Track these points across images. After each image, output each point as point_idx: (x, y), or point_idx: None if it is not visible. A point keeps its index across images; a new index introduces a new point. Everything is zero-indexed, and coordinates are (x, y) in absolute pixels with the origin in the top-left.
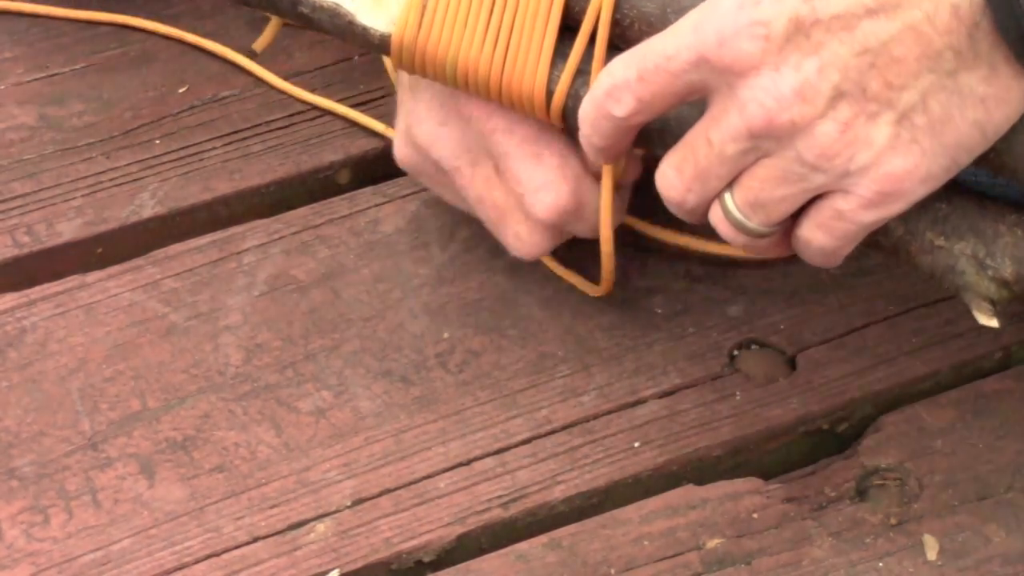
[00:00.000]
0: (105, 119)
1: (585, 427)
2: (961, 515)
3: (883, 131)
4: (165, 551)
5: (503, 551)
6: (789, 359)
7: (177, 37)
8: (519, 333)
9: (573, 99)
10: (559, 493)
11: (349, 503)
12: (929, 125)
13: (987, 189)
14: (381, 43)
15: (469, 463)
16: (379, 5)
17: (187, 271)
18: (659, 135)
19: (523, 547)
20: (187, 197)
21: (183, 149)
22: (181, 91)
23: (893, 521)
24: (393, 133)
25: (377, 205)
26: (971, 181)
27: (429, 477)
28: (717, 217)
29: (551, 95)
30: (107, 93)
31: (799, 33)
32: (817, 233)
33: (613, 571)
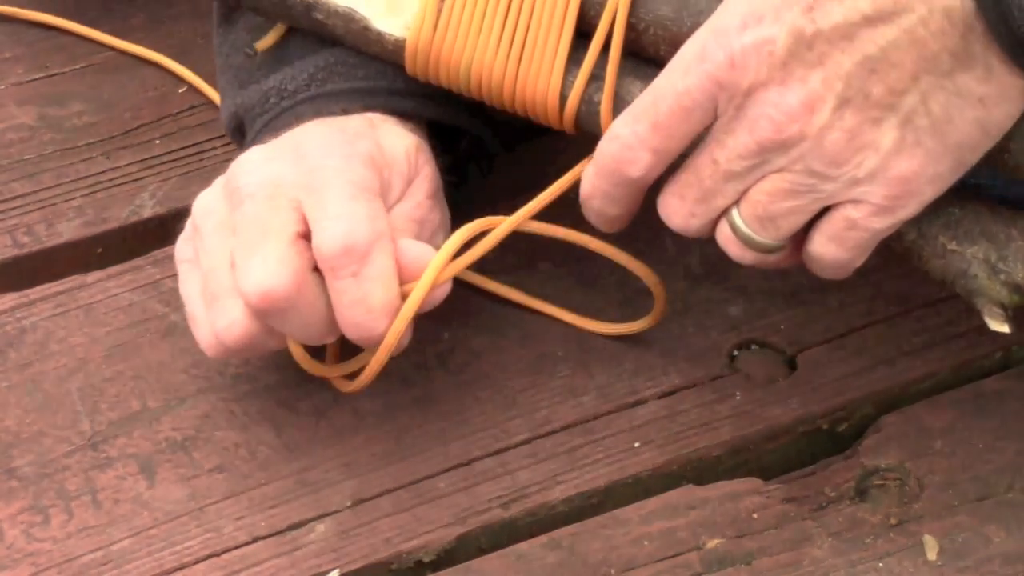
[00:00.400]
0: (105, 119)
1: (585, 427)
2: (961, 515)
3: (888, 135)
4: (165, 551)
5: (503, 551)
6: (789, 359)
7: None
8: (519, 333)
9: (587, 104)
10: (559, 493)
11: (349, 503)
12: (931, 126)
13: (1003, 192)
14: (395, 48)
15: (469, 463)
16: (393, 10)
17: None
18: None
19: (523, 547)
20: (187, 197)
21: (183, 149)
22: (181, 91)
23: (893, 521)
24: None
25: None
26: (987, 185)
27: (429, 477)
28: (725, 235)
29: (564, 100)
30: (107, 93)
31: (801, 46)
32: (830, 246)
33: (613, 571)
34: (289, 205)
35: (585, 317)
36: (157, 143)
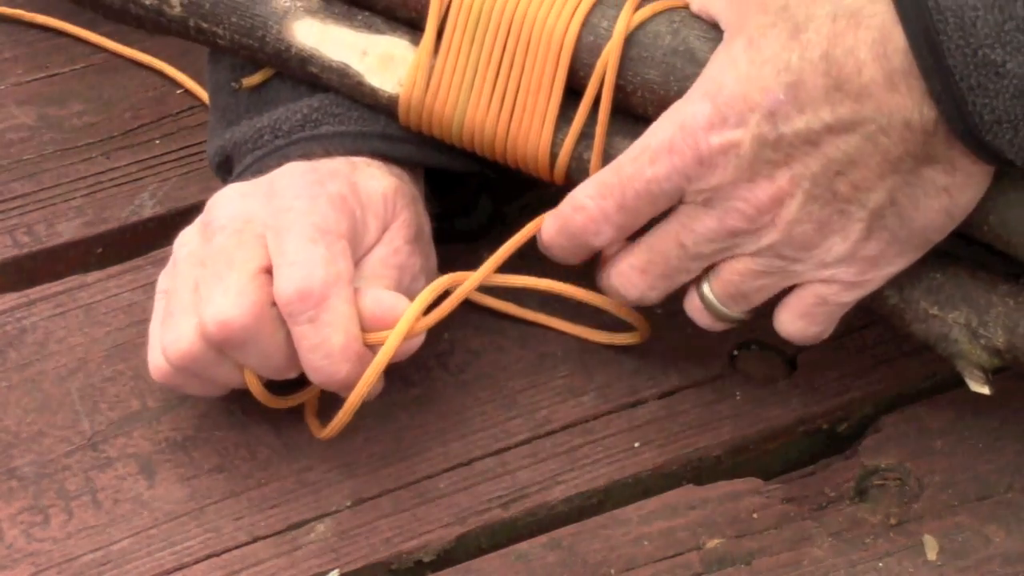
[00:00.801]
0: (105, 119)
1: (585, 427)
2: (961, 515)
3: (856, 225)
4: (165, 551)
5: (503, 551)
6: (789, 359)
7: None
8: (519, 333)
9: (577, 161)
10: (559, 493)
11: (349, 503)
12: (897, 213)
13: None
14: (389, 103)
15: (469, 463)
16: (386, 67)
17: None
18: None
19: (523, 547)
20: (187, 197)
21: (183, 149)
22: (180, 91)
23: (893, 521)
24: None
25: None
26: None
27: (429, 477)
28: (694, 306)
29: (555, 157)
30: (107, 93)
31: (766, 149)
32: (800, 323)
33: (613, 571)
34: (256, 241)
35: (580, 325)
36: (157, 143)
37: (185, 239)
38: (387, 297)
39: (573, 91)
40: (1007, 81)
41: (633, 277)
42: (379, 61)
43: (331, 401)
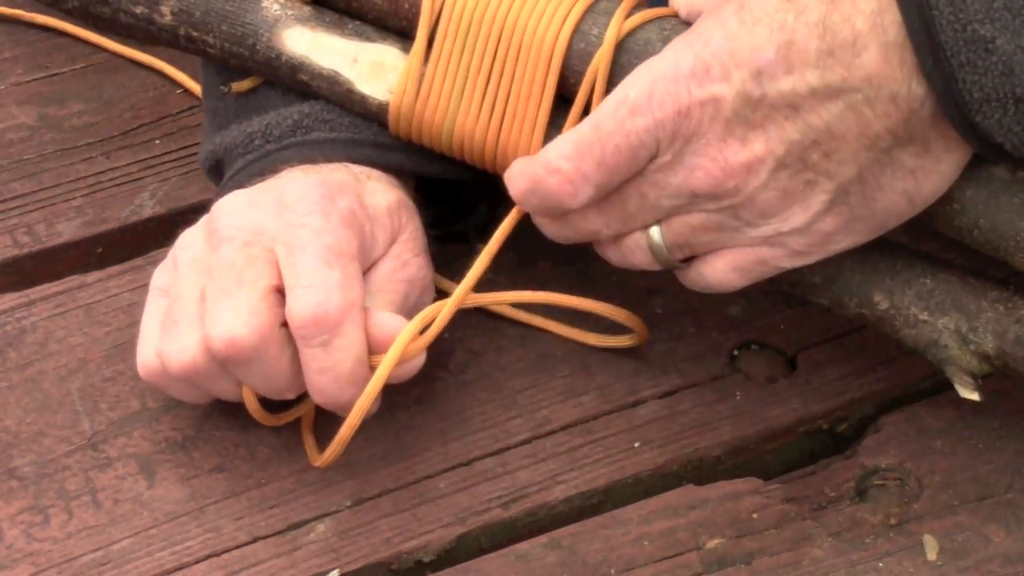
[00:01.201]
0: (105, 119)
1: (585, 427)
2: (961, 515)
3: (819, 197)
4: (165, 551)
5: (503, 551)
6: (789, 359)
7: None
8: (519, 333)
9: None
10: (559, 493)
11: (349, 503)
12: (862, 192)
13: None
14: (379, 111)
15: (469, 463)
16: (377, 74)
17: None
18: None
19: (523, 547)
20: (187, 197)
21: (183, 149)
22: (180, 91)
23: (893, 521)
24: None
25: None
26: None
27: (429, 477)
28: (635, 243)
29: None
30: (107, 93)
31: (747, 108)
32: (732, 275)
33: (613, 571)
34: (266, 256)
35: (578, 328)
36: (157, 143)
37: (188, 242)
38: (391, 321)
39: (563, 98)
40: (996, 58)
41: (589, 214)
42: (370, 69)
43: (326, 418)
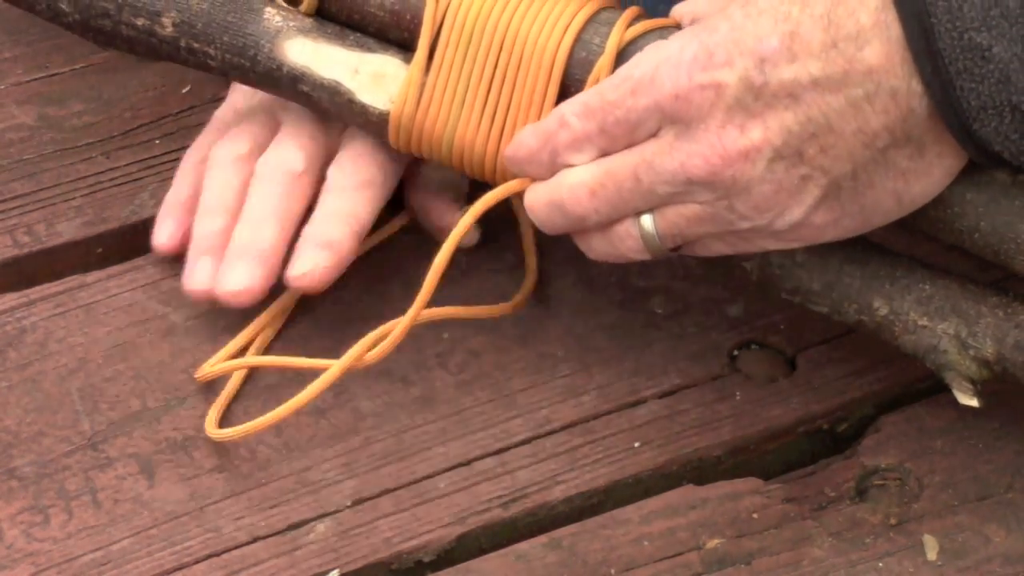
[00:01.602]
0: (105, 119)
1: (585, 427)
2: (961, 515)
3: (813, 192)
4: (165, 551)
5: (503, 551)
6: (789, 359)
7: None
8: (519, 333)
9: None
10: (559, 493)
11: (349, 503)
12: (854, 188)
13: None
14: (379, 121)
15: (469, 463)
16: (378, 84)
17: None
18: None
19: (523, 547)
20: None
21: (183, 149)
22: (181, 91)
23: (893, 521)
24: None
25: None
26: None
27: (429, 477)
28: (626, 231)
29: None
30: (107, 93)
31: (749, 94)
32: (717, 243)
33: (613, 571)
34: None
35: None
36: (157, 143)
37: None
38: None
39: None
40: (992, 66)
41: (581, 195)
42: (371, 79)
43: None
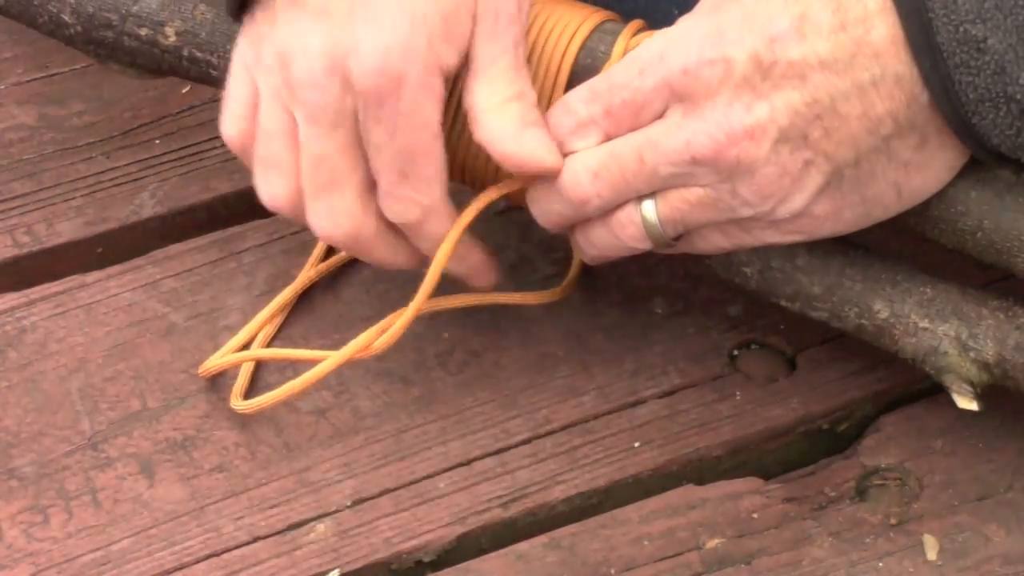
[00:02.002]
0: (105, 119)
1: (585, 427)
2: (961, 515)
3: (815, 179)
4: (165, 551)
5: (503, 551)
6: (789, 359)
7: None
8: (519, 333)
9: None
10: (559, 493)
11: (349, 503)
12: (856, 177)
13: None
14: None
15: (469, 463)
16: None
17: (187, 271)
18: None
19: (523, 547)
20: (187, 197)
21: (183, 149)
22: (181, 91)
23: (893, 521)
24: None
25: None
26: None
27: (429, 477)
28: (627, 217)
29: None
30: (107, 93)
31: (757, 73)
32: (717, 235)
33: (613, 571)
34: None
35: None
36: (157, 143)
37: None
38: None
39: None
40: (988, 57)
41: (583, 178)
42: None
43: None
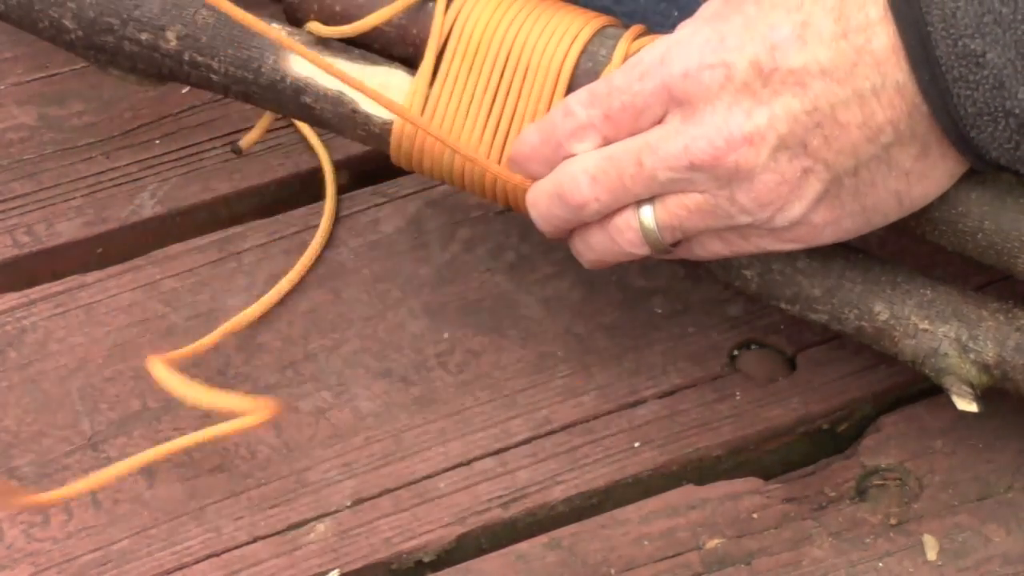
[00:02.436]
0: (105, 119)
1: (585, 427)
2: (961, 515)
3: (814, 187)
4: (165, 551)
5: (503, 551)
6: (789, 359)
7: None
8: (519, 333)
9: None
10: (559, 493)
11: (349, 503)
12: (855, 187)
13: None
14: (382, 132)
15: (469, 463)
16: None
17: (187, 271)
18: None
19: (523, 547)
20: (187, 197)
21: (183, 149)
22: (181, 91)
23: (893, 521)
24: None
25: (377, 205)
26: None
27: (429, 477)
28: (625, 222)
29: None
30: (107, 93)
31: (757, 79)
32: (716, 242)
33: (613, 571)
34: None
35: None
36: (157, 143)
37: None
38: None
39: None
40: (987, 71)
41: (582, 181)
42: (376, 89)
43: None
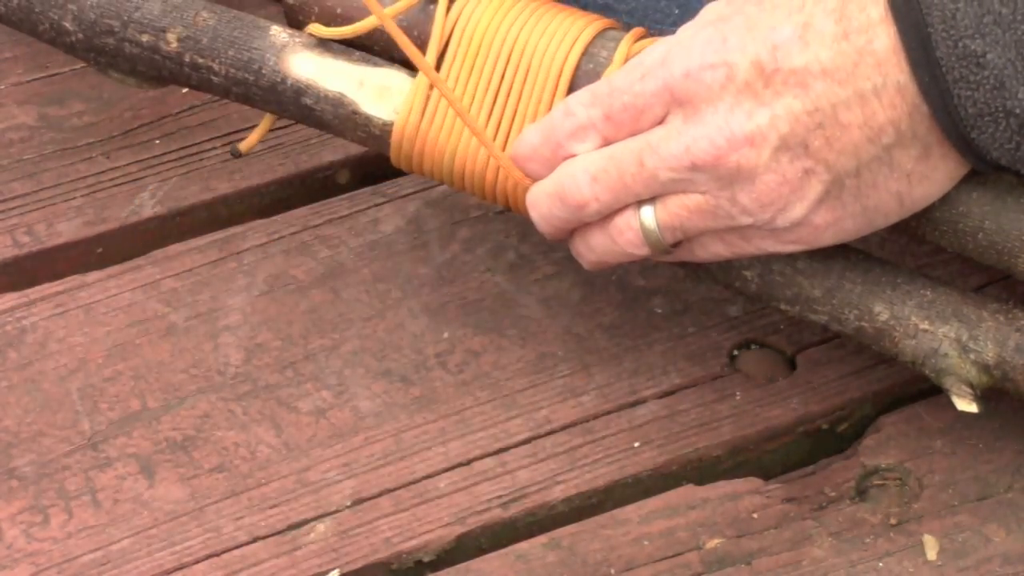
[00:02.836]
0: (105, 119)
1: (585, 427)
2: (961, 515)
3: (815, 188)
4: (165, 551)
5: (503, 551)
6: (789, 359)
7: None
8: (519, 333)
9: None
10: (559, 493)
11: (349, 503)
12: (856, 187)
13: None
14: (382, 133)
15: (469, 463)
16: (383, 96)
17: (187, 271)
18: None
19: (523, 547)
20: (187, 197)
21: (183, 149)
22: (181, 91)
23: (893, 521)
24: None
25: (377, 205)
26: None
27: (429, 477)
28: (626, 223)
29: None
30: (107, 93)
31: (759, 79)
32: (716, 243)
33: (613, 571)
34: None
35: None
36: (157, 143)
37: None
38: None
39: None
40: (987, 72)
41: (582, 181)
42: (376, 91)
43: None
